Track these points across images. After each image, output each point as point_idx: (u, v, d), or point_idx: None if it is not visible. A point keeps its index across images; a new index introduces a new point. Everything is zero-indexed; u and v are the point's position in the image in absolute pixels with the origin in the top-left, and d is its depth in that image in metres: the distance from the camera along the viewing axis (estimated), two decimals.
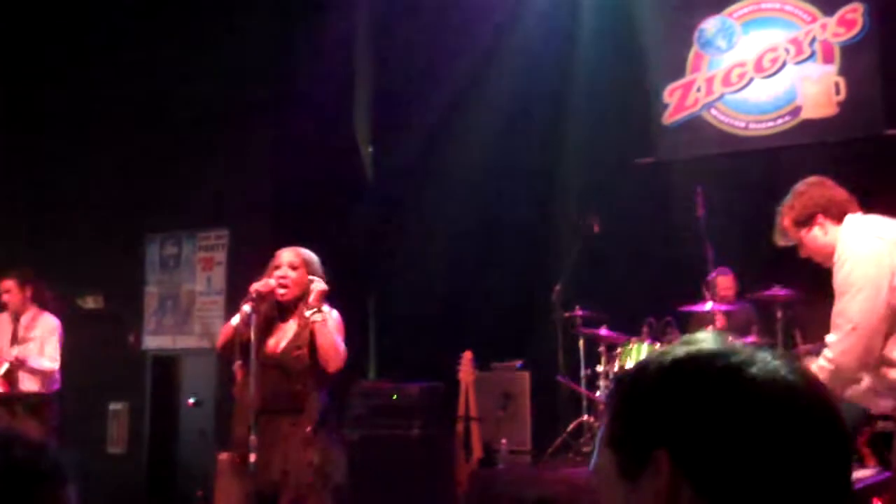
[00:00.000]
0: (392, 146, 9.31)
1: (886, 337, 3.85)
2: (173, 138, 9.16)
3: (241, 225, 9.20)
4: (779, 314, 7.29)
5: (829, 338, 3.94)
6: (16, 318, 7.49)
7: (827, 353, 3.91)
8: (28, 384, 7.33)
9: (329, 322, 4.86)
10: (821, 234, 4.05)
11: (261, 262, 5.28)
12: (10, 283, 7.52)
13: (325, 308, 4.90)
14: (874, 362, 3.86)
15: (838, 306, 3.91)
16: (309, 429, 4.73)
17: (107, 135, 9.33)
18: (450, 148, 8.62)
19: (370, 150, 9.62)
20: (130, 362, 9.48)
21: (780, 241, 4.28)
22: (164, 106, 9.09)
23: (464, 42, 8.70)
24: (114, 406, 9.54)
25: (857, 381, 3.93)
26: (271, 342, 4.84)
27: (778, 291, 7.23)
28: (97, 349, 8.83)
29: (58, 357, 7.49)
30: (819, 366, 3.92)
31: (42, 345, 7.44)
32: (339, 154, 9.28)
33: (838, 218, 4.05)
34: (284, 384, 4.77)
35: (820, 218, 4.05)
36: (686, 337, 1.23)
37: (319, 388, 4.86)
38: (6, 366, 7.28)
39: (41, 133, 9.57)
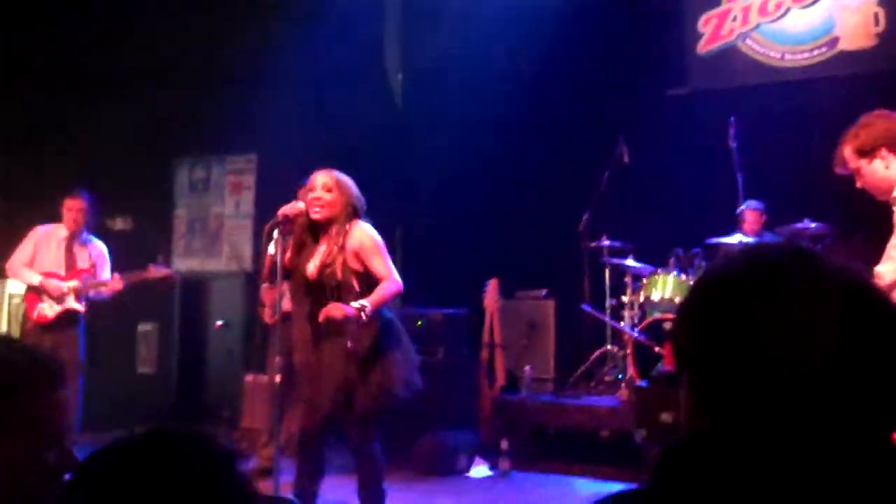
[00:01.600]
0: (421, 74, 9.24)
1: None
2: (203, 62, 9.12)
3: (270, 150, 9.21)
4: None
5: (880, 267, 3.87)
6: (70, 239, 7.52)
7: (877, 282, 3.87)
8: (76, 304, 7.44)
9: (370, 244, 4.84)
10: (881, 167, 3.97)
11: (289, 187, 5.29)
12: (83, 203, 7.54)
13: (366, 229, 4.88)
14: None
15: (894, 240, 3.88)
16: (350, 345, 4.74)
17: (139, 58, 9.29)
18: (479, 74, 8.52)
19: (400, 76, 9.55)
20: (159, 284, 9.56)
21: (838, 170, 4.20)
22: (194, 30, 9.03)
23: None
24: (143, 327, 9.66)
25: None
26: (310, 266, 4.83)
27: (808, 225, 7.17)
28: (127, 271, 8.90)
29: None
30: None
31: (99, 268, 7.56)
32: (370, 81, 9.22)
33: None
34: (326, 303, 4.76)
35: (884, 151, 3.96)
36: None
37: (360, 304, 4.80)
38: (73, 283, 7.36)
39: (73, 56, 9.54)
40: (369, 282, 4.84)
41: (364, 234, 4.85)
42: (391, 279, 4.85)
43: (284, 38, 8.72)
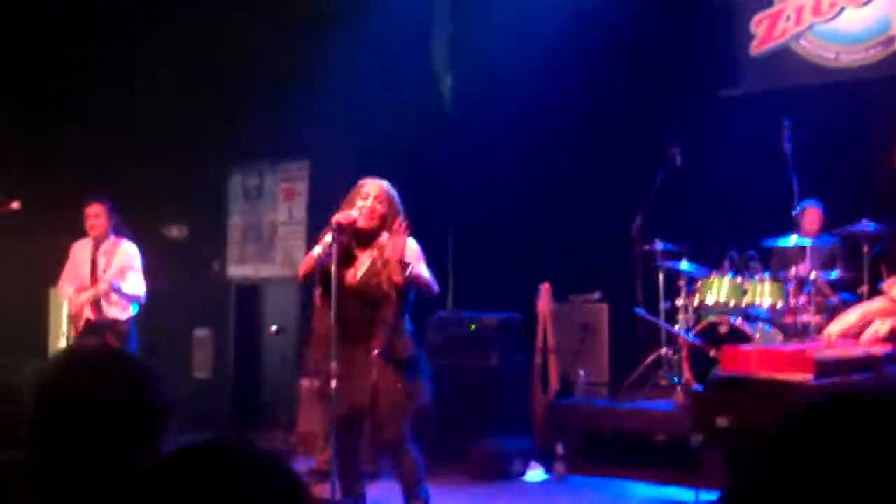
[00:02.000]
0: (471, 76, 9.26)
1: None
2: (256, 70, 9.21)
3: (322, 156, 9.28)
4: (865, 249, 7.15)
5: None
6: (97, 246, 7.59)
7: None
8: (113, 311, 7.46)
9: (412, 252, 4.97)
10: None
11: (341, 193, 5.34)
12: (99, 209, 7.55)
13: (409, 241, 4.98)
14: None
15: None
16: (376, 352, 4.88)
17: (191, 65, 9.41)
18: (530, 75, 8.52)
19: (449, 79, 9.58)
20: (215, 290, 9.70)
21: None
22: (246, 37, 9.13)
23: None
24: (199, 333, 9.79)
25: None
26: (350, 273, 4.97)
27: (866, 225, 7.09)
28: (182, 278, 9.03)
29: (143, 283, 7.53)
30: None
31: (123, 271, 7.47)
32: (419, 84, 9.26)
33: None
34: (363, 313, 4.92)
35: None
36: None
37: (396, 315, 4.98)
38: (90, 293, 7.41)
39: (130, 58, 9.67)
40: (406, 294, 5.02)
41: (407, 246, 4.98)
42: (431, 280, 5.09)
43: (334, 42, 8.78)
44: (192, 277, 9.38)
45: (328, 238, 4.90)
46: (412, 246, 5.02)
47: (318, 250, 4.94)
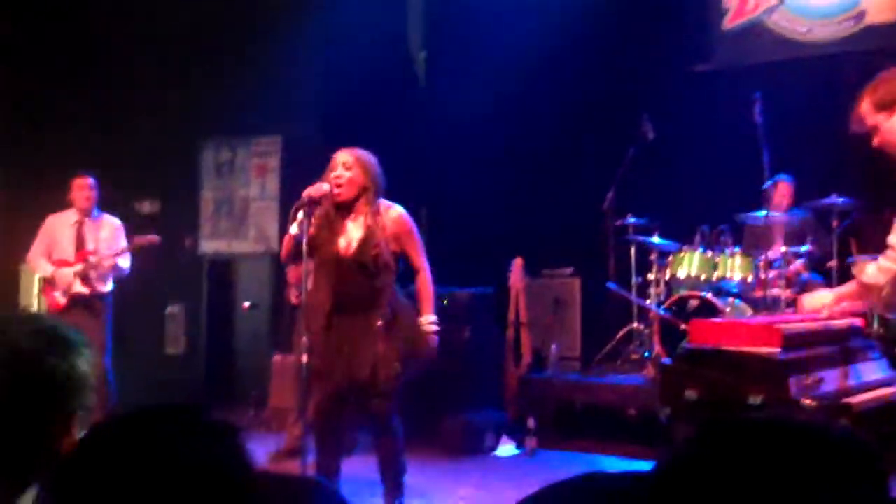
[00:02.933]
0: (444, 52, 9.22)
1: None
2: (227, 45, 9.14)
3: (294, 131, 9.23)
4: (835, 223, 7.20)
5: (892, 238, 3.71)
6: (80, 222, 7.59)
7: (891, 253, 3.68)
8: (100, 284, 7.50)
9: (410, 231, 4.95)
10: None
11: (313, 168, 5.29)
12: (90, 181, 7.61)
13: (402, 212, 4.95)
14: None
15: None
16: (380, 323, 4.80)
17: (163, 42, 9.33)
18: (503, 52, 8.49)
19: (423, 54, 9.54)
20: (187, 266, 9.65)
21: (854, 127, 4.04)
22: (218, 12, 9.06)
23: None
24: (171, 309, 9.75)
25: None
26: (341, 242, 4.85)
27: (835, 200, 7.13)
28: (154, 253, 8.97)
29: (129, 258, 7.66)
30: (880, 266, 3.75)
31: (111, 245, 7.59)
32: (393, 60, 9.21)
33: None
34: (363, 283, 4.82)
35: None
36: None
37: (392, 284, 4.94)
38: (78, 267, 7.42)
39: (98, 40, 9.58)
40: (398, 263, 4.94)
41: (401, 218, 4.94)
42: (426, 269, 4.99)
43: (307, 19, 8.72)
44: (165, 253, 9.32)
45: (300, 215, 4.85)
46: (407, 221, 4.95)
47: (294, 229, 4.89)
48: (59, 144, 9.21)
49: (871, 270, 3.78)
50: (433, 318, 4.93)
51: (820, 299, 4.15)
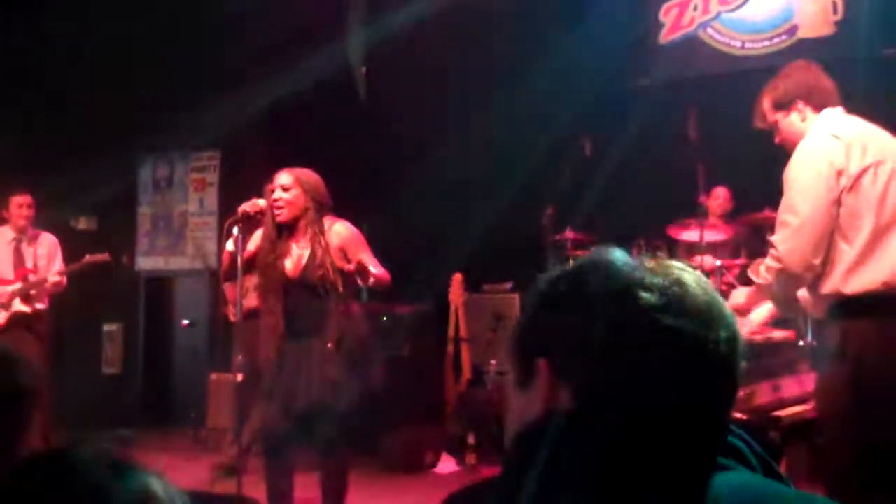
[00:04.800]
0: (385, 67, 9.20)
1: (830, 244, 3.62)
2: (165, 58, 9.05)
3: (234, 146, 9.16)
4: (769, 235, 7.26)
5: (775, 236, 3.70)
6: (18, 239, 7.48)
7: (773, 251, 3.67)
8: (39, 303, 7.39)
9: (354, 239, 4.86)
10: (798, 121, 3.84)
11: (253, 183, 5.25)
12: (29, 199, 7.52)
13: (346, 225, 4.88)
14: (818, 268, 3.61)
15: (785, 201, 3.72)
16: (331, 345, 4.72)
17: (101, 54, 9.20)
18: (442, 67, 8.51)
19: (363, 69, 9.51)
20: (124, 284, 9.51)
21: (758, 123, 4.10)
22: (157, 26, 8.96)
23: None
24: (108, 327, 9.60)
25: (804, 282, 3.65)
26: (287, 265, 4.79)
27: (770, 213, 7.19)
28: (91, 271, 8.84)
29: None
30: (766, 266, 3.74)
31: (49, 262, 7.50)
32: (332, 74, 9.17)
33: (818, 107, 3.83)
34: (312, 304, 4.75)
35: (800, 104, 3.83)
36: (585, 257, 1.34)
37: (343, 302, 4.82)
38: (17, 285, 7.30)
39: (36, 50, 9.43)
40: (349, 282, 4.84)
41: (345, 229, 4.87)
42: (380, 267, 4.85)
43: (246, 33, 8.67)
44: (101, 270, 9.18)
45: (235, 231, 4.80)
46: (352, 231, 4.88)
47: (229, 245, 4.83)
48: None
49: (761, 271, 3.81)
50: (373, 269, 4.67)
51: (734, 300, 4.19)
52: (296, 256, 4.80)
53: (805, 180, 3.64)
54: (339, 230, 4.85)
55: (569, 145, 7.74)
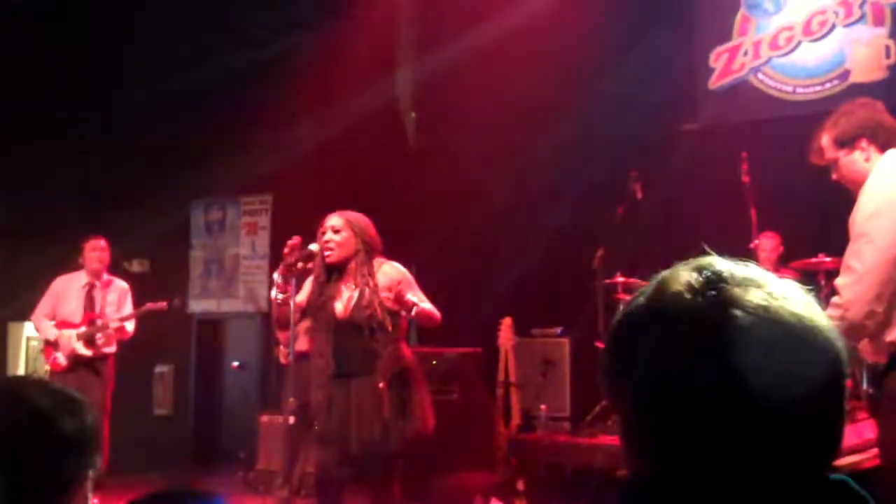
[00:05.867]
0: (434, 113, 9.27)
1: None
2: (218, 104, 9.20)
3: (285, 189, 9.25)
4: (822, 282, 7.19)
5: (839, 280, 3.60)
6: (91, 284, 7.58)
7: (836, 299, 3.56)
8: (104, 347, 7.48)
9: (404, 278, 4.92)
10: (861, 160, 3.72)
11: (304, 227, 5.30)
12: (103, 242, 7.64)
13: (395, 265, 4.95)
14: (881, 315, 3.49)
15: (854, 247, 3.59)
16: (382, 384, 4.73)
17: (152, 98, 9.38)
18: (492, 111, 8.55)
19: (413, 115, 9.59)
20: (176, 326, 9.60)
21: (814, 160, 4.00)
22: (209, 72, 9.12)
23: (502, 3, 8.59)
24: (160, 368, 9.70)
25: (867, 331, 3.53)
26: (338, 306, 4.84)
27: (823, 259, 7.12)
28: (143, 314, 8.94)
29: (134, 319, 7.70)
30: (828, 314, 3.66)
31: (119, 308, 7.60)
32: (383, 119, 9.27)
33: (883, 147, 3.72)
34: (360, 344, 4.78)
35: (864, 142, 3.72)
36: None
37: (393, 342, 4.86)
38: (81, 329, 7.39)
39: (88, 95, 9.64)
40: (398, 320, 4.90)
41: (394, 270, 4.94)
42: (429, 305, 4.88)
43: (297, 77, 8.78)
44: (154, 313, 9.29)
45: (277, 278, 4.86)
46: (401, 271, 4.94)
47: (274, 293, 4.89)
48: (41, 203, 9.22)
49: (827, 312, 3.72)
50: (418, 302, 4.77)
51: None
52: (345, 298, 4.84)
53: (878, 231, 3.53)
54: (388, 270, 4.90)
55: (619, 188, 7.72)
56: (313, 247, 4.90)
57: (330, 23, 8.68)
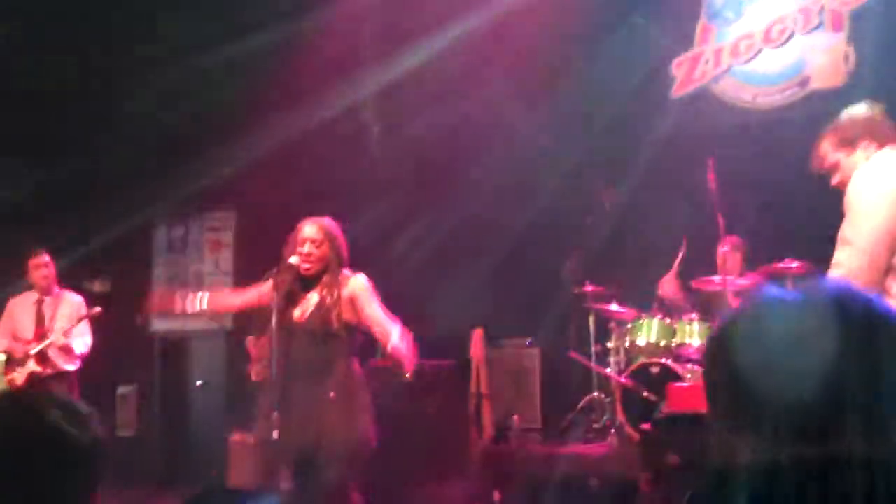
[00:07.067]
0: (399, 123, 9.24)
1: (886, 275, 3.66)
2: (179, 120, 9.10)
3: (248, 206, 9.17)
4: (789, 287, 7.24)
5: (838, 255, 3.71)
6: (40, 301, 7.48)
7: (835, 271, 3.68)
8: (61, 362, 7.35)
9: (365, 292, 4.87)
10: (862, 158, 3.84)
11: (268, 243, 5.26)
12: (47, 259, 7.55)
13: (360, 279, 4.91)
14: (879, 288, 3.61)
15: (848, 221, 3.72)
16: (332, 394, 4.73)
17: (116, 118, 9.25)
18: (455, 120, 8.55)
19: (377, 128, 9.55)
20: (138, 345, 9.47)
21: (816, 165, 4.08)
22: (172, 87, 9.02)
23: (468, 20, 8.59)
24: (123, 389, 9.55)
25: (871, 274, 3.63)
26: (297, 312, 4.85)
27: (789, 263, 7.18)
28: (105, 332, 8.80)
29: (89, 333, 7.58)
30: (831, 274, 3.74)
31: (70, 322, 7.48)
32: (346, 128, 9.20)
33: (882, 146, 3.85)
34: (313, 351, 4.80)
35: (865, 141, 3.85)
36: None
37: (346, 356, 4.87)
38: (37, 347, 7.28)
39: (49, 111, 9.49)
40: (354, 335, 4.90)
41: (358, 282, 4.90)
42: (393, 323, 4.82)
43: (259, 92, 8.72)
44: (116, 332, 9.15)
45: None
46: (364, 285, 4.90)
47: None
48: (8, 224, 9.06)
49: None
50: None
51: None
52: (305, 305, 4.86)
53: (868, 210, 3.66)
54: (352, 283, 4.88)
55: (587, 197, 7.76)
56: (293, 260, 4.86)
57: (292, 27, 8.60)
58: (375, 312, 4.85)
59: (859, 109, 4.02)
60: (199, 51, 8.66)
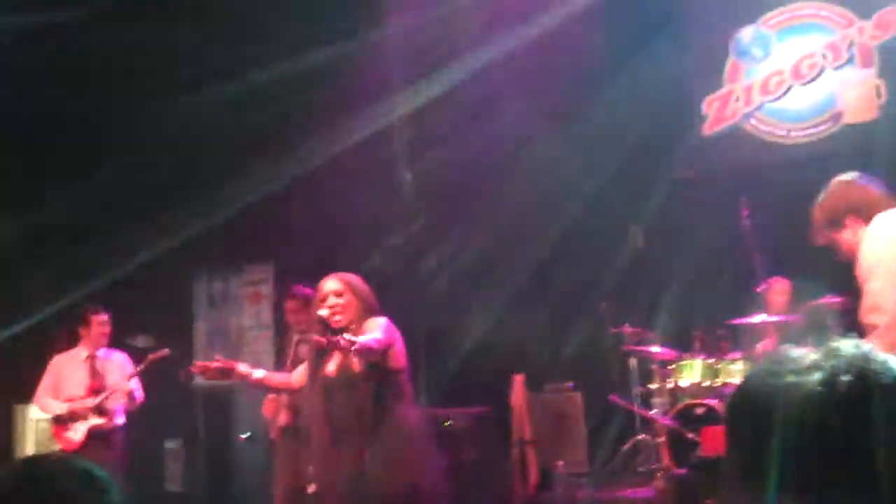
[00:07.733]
0: (431, 174, 9.29)
1: None
2: (216, 174, 9.21)
3: (287, 258, 9.25)
4: (830, 323, 7.19)
5: (873, 319, 3.66)
6: (92, 358, 7.55)
7: (873, 340, 3.47)
8: (116, 417, 7.47)
9: (372, 325, 4.75)
10: (850, 236, 3.89)
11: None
12: (107, 316, 7.66)
13: (375, 319, 4.80)
14: None
15: (866, 302, 3.71)
16: (369, 445, 4.66)
17: (152, 173, 9.38)
18: (490, 168, 8.60)
19: (409, 176, 9.60)
20: (182, 400, 9.54)
21: (817, 241, 4.11)
22: (209, 141, 9.13)
23: (497, 51, 8.62)
24: (169, 444, 9.61)
25: None
26: (330, 366, 4.81)
27: (830, 300, 7.13)
28: (149, 388, 8.89)
29: (140, 387, 7.67)
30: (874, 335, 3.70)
31: (121, 378, 7.56)
32: (383, 186, 9.27)
33: (868, 219, 3.87)
34: (345, 401, 4.73)
35: (850, 220, 3.89)
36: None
37: (384, 400, 4.73)
38: (99, 397, 7.35)
39: (87, 170, 9.63)
40: (388, 377, 4.76)
41: (373, 322, 4.77)
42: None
43: (293, 147, 8.82)
44: (160, 387, 9.23)
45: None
46: (378, 321, 4.77)
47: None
48: (40, 281, 9.18)
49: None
50: (353, 339, 4.47)
51: None
52: (337, 357, 4.79)
53: (881, 275, 3.62)
54: (369, 324, 4.76)
55: (621, 238, 7.76)
56: (322, 313, 4.84)
57: (330, 88, 8.70)
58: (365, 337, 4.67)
59: (839, 185, 4.04)
60: (238, 110, 8.83)
